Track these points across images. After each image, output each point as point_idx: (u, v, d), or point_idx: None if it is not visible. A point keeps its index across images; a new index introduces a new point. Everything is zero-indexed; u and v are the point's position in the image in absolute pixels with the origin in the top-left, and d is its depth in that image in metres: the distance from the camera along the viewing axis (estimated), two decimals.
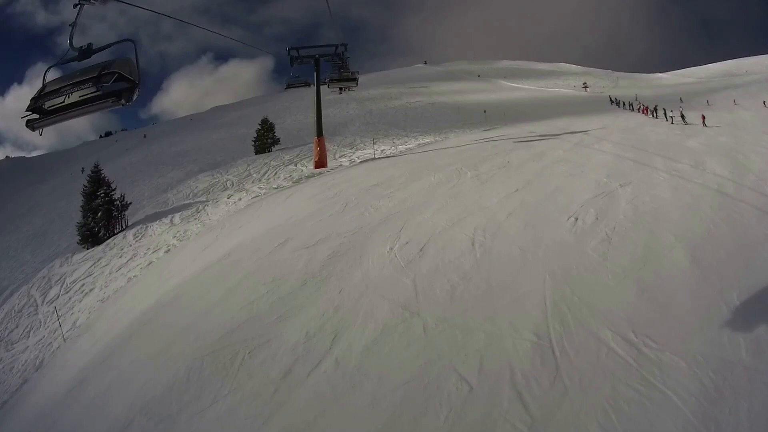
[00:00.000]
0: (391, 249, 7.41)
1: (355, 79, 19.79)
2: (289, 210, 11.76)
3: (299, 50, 19.74)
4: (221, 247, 10.08)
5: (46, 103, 4.90)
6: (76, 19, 5.27)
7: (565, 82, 68.99)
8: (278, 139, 31.46)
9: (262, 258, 8.37)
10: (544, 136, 19.22)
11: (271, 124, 31.52)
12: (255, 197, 15.64)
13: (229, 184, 23.47)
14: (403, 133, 31.49)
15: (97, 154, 70.10)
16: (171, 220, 16.53)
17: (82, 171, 52.50)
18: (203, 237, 12.53)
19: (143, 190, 29.91)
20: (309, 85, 22.11)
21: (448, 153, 17.37)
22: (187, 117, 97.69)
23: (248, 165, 28.15)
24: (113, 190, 19.36)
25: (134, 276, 12.33)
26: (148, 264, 12.80)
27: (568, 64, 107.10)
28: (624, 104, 38.56)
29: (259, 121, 32.02)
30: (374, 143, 23.77)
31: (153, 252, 13.84)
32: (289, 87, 22.79)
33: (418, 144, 23.16)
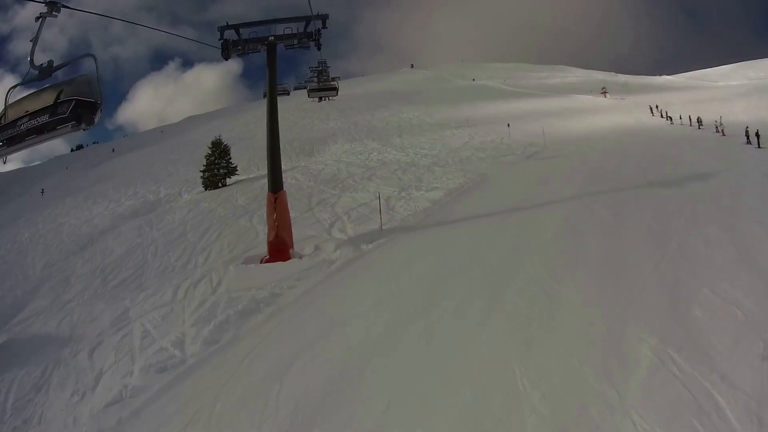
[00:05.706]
0: None
1: (335, 89, 16.57)
2: None
3: (239, 30, 10.92)
4: None
5: (4, 134, 5.06)
6: (37, 34, 5.07)
7: (581, 88, 61.45)
8: (235, 167, 22.91)
9: None
10: (651, 190, 11.15)
11: (225, 147, 22.92)
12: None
13: (149, 254, 16.05)
14: (408, 160, 23.21)
15: (58, 174, 59.78)
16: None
17: (42, 193, 43.34)
18: None
19: (65, 238, 21.72)
20: None
21: (538, 241, 8.17)
22: (159, 129, 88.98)
23: (190, 211, 20.28)
24: None
25: None
26: None
27: (567, 66, 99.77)
28: (700, 124, 27.75)
29: (209, 144, 23.27)
30: (376, 186, 15.28)
31: None
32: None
33: (448, 192, 14.41)
